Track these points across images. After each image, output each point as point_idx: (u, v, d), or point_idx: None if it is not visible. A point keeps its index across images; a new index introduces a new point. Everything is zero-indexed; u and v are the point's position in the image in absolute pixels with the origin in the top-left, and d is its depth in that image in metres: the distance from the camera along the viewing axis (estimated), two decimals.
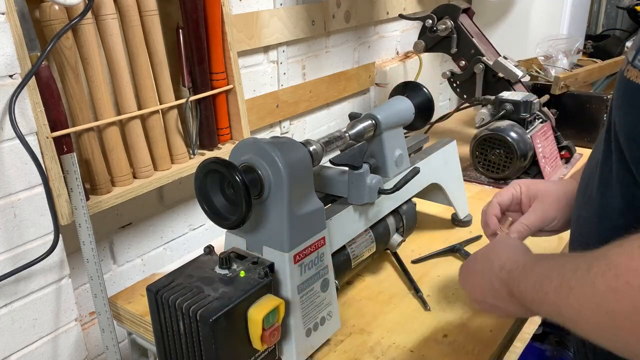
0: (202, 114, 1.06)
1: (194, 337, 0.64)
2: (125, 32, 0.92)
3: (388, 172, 0.90)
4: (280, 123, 1.39)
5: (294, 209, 0.70)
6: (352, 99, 1.65)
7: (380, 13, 1.65)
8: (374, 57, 1.70)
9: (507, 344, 0.83)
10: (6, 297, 0.80)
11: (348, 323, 0.84)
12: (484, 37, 1.52)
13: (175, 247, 1.19)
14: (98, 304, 0.88)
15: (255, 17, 1.21)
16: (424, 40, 1.51)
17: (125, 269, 1.09)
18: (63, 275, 0.87)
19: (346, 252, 0.86)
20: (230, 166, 0.66)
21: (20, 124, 0.75)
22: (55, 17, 0.80)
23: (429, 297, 0.90)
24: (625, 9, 2.36)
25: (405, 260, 0.99)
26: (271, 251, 0.72)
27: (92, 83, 0.89)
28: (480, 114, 1.35)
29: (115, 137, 0.93)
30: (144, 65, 0.95)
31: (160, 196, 1.13)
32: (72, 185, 0.82)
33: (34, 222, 0.81)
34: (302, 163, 0.71)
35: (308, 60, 1.43)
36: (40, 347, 0.86)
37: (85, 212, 0.84)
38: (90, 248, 0.85)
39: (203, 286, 0.66)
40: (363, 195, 0.81)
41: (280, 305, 0.67)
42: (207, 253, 0.74)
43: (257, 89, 1.29)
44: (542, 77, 1.63)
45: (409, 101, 0.95)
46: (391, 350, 0.79)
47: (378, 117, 0.87)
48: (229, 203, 0.70)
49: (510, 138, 1.25)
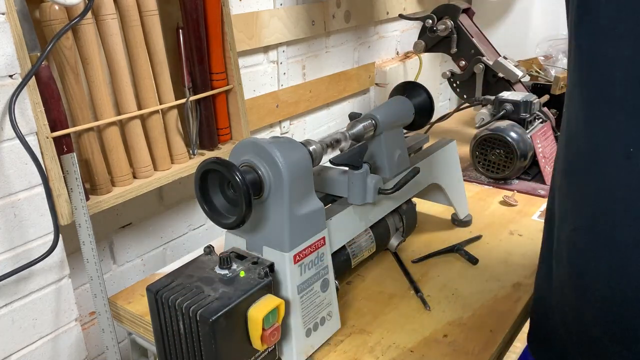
0: (202, 114, 1.06)
1: (194, 337, 0.64)
2: (125, 32, 0.92)
3: (388, 172, 0.90)
4: (280, 123, 1.39)
5: (294, 209, 0.70)
6: (352, 99, 1.66)
7: (380, 13, 1.65)
8: (374, 57, 1.70)
9: (507, 344, 0.83)
10: (6, 297, 0.80)
11: (348, 323, 0.84)
12: (484, 37, 1.52)
13: (175, 247, 1.19)
14: (98, 304, 0.88)
15: (255, 17, 1.21)
16: (424, 40, 1.51)
17: (125, 269, 1.09)
18: (63, 275, 0.87)
19: (346, 252, 0.86)
20: (230, 166, 0.66)
21: (20, 124, 0.75)
22: (55, 17, 0.80)
23: (429, 297, 0.90)
24: None
25: (405, 260, 0.99)
26: (271, 251, 0.72)
27: (92, 83, 0.89)
28: (480, 114, 1.36)
29: (115, 137, 0.93)
30: (144, 65, 0.95)
31: (160, 196, 1.13)
32: (72, 185, 0.82)
33: (34, 222, 0.81)
34: (302, 163, 0.71)
35: (308, 60, 1.43)
36: (40, 347, 0.86)
37: (85, 212, 0.84)
38: (90, 248, 0.85)
39: (203, 286, 0.66)
40: (363, 196, 0.81)
41: (280, 305, 0.67)
42: (207, 253, 0.74)
43: (257, 89, 1.29)
44: (542, 77, 1.63)
45: (409, 101, 0.95)
46: (391, 350, 0.79)
47: (378, 117, 0.87)
48: (229, 203, 0.70)
49: (510, 138, 1.25)
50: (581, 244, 0.57)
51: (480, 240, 1.06)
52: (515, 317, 0.85)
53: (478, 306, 0.87)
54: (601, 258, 0.54)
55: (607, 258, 0.53)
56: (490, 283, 0.93)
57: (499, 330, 0.82)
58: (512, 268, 0.96)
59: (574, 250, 0.58)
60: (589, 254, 0.56)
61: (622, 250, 0.52)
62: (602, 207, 0.53)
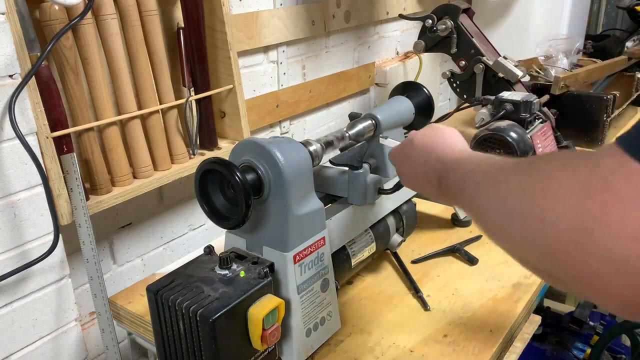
0: (202, 114, 1.06)
1: (194, 337, 0.64)
2: (125, 32, 0.92)
3: (388, 172, 0.90)
4: (280, 123, 1.39)
5: (294, 209, 0.70)
6: (352, 99, 1.65)
7: (380, 13, 1.65)
8: (374, 57, 1.70)
9: (507, 344, 0.83)
10: (6, 297, 0.80)
11: (348, 323, 0.84)
12: (484, 37, 1.52)
13: (175, 247, 1.19)
14: (98, 304, 0.88)
15: (255, 17, 1.21)
16: (424, 40, 1.51)
17: (125, 269, 1.09)
18: (63, 275, 0.87)
19: (346, 252, 0.86)
20: (230, 166, 0.66)
21: (20, 124, 0.75)
22: (55, 17, 0.80)
23: (429, 297, 0.90)
24: (625, 9, 2.36)
25: (405, 260, 0.99)
26: (271, 251, 0.72)
27: (92, 83, 0.89)
28: (480, 114, 1.35)
29: (115, 137, 0.93)
30: (144, 65, 0.95)
31: (160, 196, 1.13)
32: (72, 185, 0.82)
33: (34, 222, 0.81)
34: (302, 163, 0.71)
35: (308, 60, 1.43)
36: (40, 347, 0.86)
37: (85, 212, 0.84)
38: (90, 248, 0.85)
39: (203, 286, 0.66)
40: (363, 195, 0.81)
41: (280, 305, 0.67)
42: (207, 253, 0.74)
43: (257, 89, 1.29)
44: (542, 77, 1.63)
45: (409, 101, 0.95)
46: (391, 350, 0.79)
47: (378, 117, 0.87)
48: (229, 203, 0.70)
49: (510, 138, 1.25)
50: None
51: (480, 240, 1.06)
52: (515, 317, 0.85)
53: (478, 306, 0.87)
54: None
55: None
56: (490, 283, 0.93)
57: (499, 330, 0.82)
58: (512, 268, 0.96)
59: None
60: None
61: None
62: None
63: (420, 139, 0.70)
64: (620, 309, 0.36)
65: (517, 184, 0.42)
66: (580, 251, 0.35)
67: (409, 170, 0.71)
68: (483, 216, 0.48)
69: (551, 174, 0.39)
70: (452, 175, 0.59)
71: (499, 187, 0.46)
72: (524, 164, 0.45)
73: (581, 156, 0.38)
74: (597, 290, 0.36)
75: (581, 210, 0.35)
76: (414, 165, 0.69)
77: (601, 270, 0.34)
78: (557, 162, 0.40)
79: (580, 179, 0.36)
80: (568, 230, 0.35)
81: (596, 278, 0.35)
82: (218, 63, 1.08)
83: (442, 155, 0.63)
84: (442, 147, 0.66)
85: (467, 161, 0.57)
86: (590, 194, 0.35)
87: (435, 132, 0.70)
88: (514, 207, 0.42)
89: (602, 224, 0.34)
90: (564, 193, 0.36)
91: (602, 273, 0.34)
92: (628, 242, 0.32)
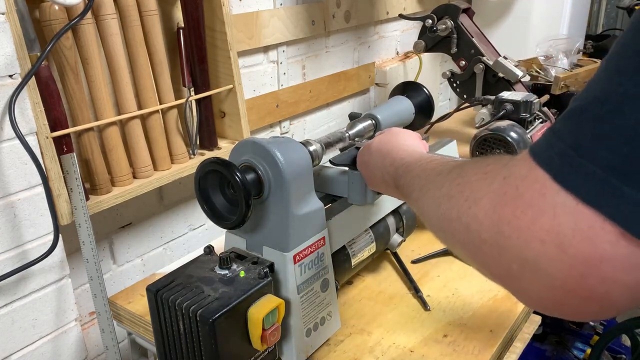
0: (202, 114, 1.06)
1: (194, 337, 0.64)
2: (125, 32, 0.92)
3: None
4: (280, 123, 1.39)
5: (294, 209, 0.70)
6: (352, 99, 1.65)
7: (380, 13, 1.65)
8: (374, 57, 1.70)
9: (507, 344, 0.83)
10: (6, 297, 0.80)
11: (348, 323, 0.84)
12: (484, 37, 1.52)
13: (175, 247, 1.19)
14: (98, 304, 0.88)
15: (255, 17, 1.21)
16: (424, 40, 1.51)
17: (125, 269, 1.09)
18: (63, 275, 0.87)
19: (346, 252, 0.86)
20: (230, 166, 0.65)
21: (20, 124, 0.75)
22: (55, 17, 0.80)
23: (429, 297, 0.90)
24: (625, 9, 2.36)
25: (405, 260, 0.99)
26: (271, 251, 0.72)
27: (92, 83, 0.89)
28: (480, 114, 1.35)
29: (115, 137, 0.93)
30: (144, 65, 0.95)
31: (160, 196, 1.13)
32: (72, 185, 0.82)
33: (33, 222, 0.81)
34: (302, 163, 0.71)
35: (308, 60, 1.43)
36: (40, 347, 0.86)
37: (85, 212, 0.84)
38: (90, 248, 0.85)
39: (203, 286, 0.66)
40: (363, 195, 0.81)
41: (280, 305, 0.67)
42: (207, 253, 0.74)
43: (257, 89, 1.29)
44: (542, 77, 1.63)
45: (409, 101, 0.95)
46: (391, 350, 0.79)
47: (378, 117, 0.87)
48: (229, 203, 0.70)
49: (510, 138, 1.25)
50: None
51: None
52: (515, 317, 0.85)
53: (478, 306, 0.87)
54: None
55: None
56: (490, 283, 0.93)
57: (499, 330, 0.82)
58: None
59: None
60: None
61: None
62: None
63: (376, 144, 0.72)
64: (540, 307, 0.39)
65: (447, 191, 0.45)
66: (500, 255, 0.37)
67: (370, 174, 0.73)
68: (425, 219, 0.51)
69: (473, 183, 0.41)
70: (403, 179, 0.61)
71: (435, 192, 0.48)
72: (456, 170, 0.47)
73: (501, 162, 0.40)
74: (519, 291, 0.38)
75: (498, 216, 0.37)
76: (373, 169, 0.72)
77: (518, 272, 0.36)
78: (481, 171, 0.42)
79: (496, 187, 0.38)
80: (488, 236, 0.38)
81: (515, 279, 0.37)
82: (218, 63, 1.08)
83: (395, 159, 0.66)
84: (396, 150, 0.68)
85: (415, 165, 0.60)
86: (505, 201, 0.37)
87: (390, 136, 0.72)
88: (444, 213, 0.44)
89: (514, 228, 0.36)
90: (484, 202, 0.39)
91: (519, 275, 0.36)
92: (537, 245, 0.34)
